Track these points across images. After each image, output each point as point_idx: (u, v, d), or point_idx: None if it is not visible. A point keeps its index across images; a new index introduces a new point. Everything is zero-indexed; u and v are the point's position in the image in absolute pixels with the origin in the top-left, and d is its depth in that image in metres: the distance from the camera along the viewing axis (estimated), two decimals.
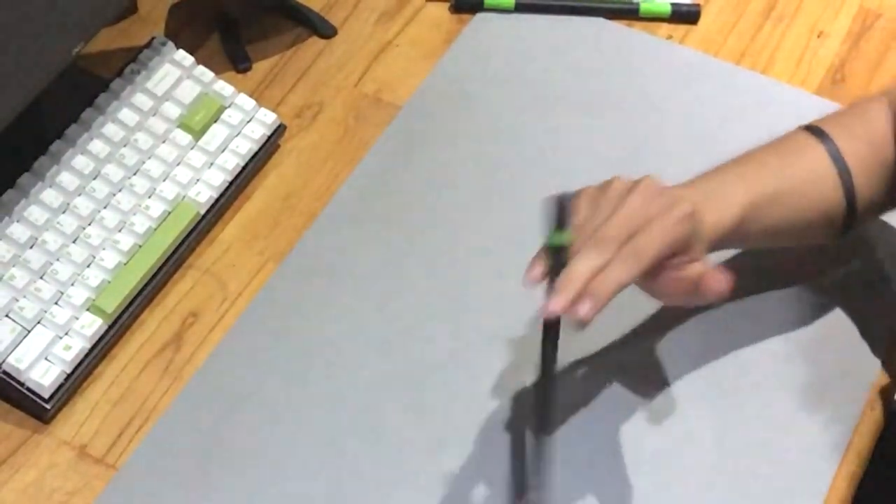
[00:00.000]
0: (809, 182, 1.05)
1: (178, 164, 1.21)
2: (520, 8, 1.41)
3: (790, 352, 1.13)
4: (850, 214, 1.07)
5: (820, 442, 1.08)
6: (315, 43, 1.38)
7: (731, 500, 1.05)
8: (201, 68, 1.27)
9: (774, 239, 1.07)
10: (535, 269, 0.93)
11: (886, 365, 1.13)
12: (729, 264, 0.98)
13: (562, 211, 0.94)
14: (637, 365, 1.12)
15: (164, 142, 1.21)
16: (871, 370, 1.13)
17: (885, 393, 1.11)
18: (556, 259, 0.92)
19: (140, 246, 1.15)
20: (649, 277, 0.94)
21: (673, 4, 1.41)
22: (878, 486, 1.13)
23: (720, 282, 0.94)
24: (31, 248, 1.12)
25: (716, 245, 1.00)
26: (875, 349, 1.14)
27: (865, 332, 1.15)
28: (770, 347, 1.14)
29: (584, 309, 0.89)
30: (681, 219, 0.93)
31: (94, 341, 1.10)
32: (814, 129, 1.08)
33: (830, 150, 1.06)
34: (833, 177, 1.06)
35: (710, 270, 0.94)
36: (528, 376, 1.09)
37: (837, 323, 1.15)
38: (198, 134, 1.23)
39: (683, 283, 0.95)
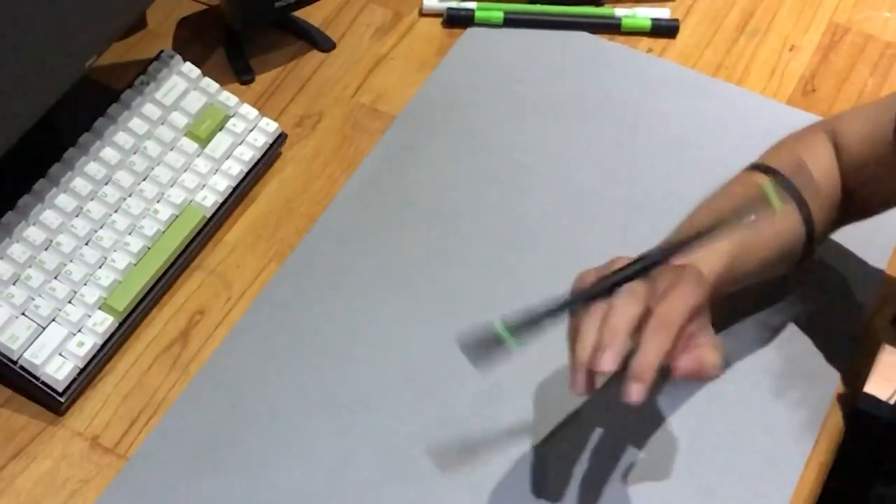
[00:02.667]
0: (776, 224, 1.05)
1: (185, 171, 1.21)
2: (508, 23, 1.41)
3: (764, 350, 1.14)
4: (808, 245, 1.08)
5: (790, 433, 1.08)
6: (315, 56, 1.38)
7: (706, 490, 1.05)
8: (207, 80, 1.27)
9: (747, 281, 1.07)
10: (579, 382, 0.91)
11: (850, 361, 1.14)
12: None
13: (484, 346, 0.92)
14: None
15: (171, 149, 1.21)
16: (839, 366, 1.13)
17: (844, 398, 1.12)
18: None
19: (149, 248, 1.15)
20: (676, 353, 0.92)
21: (653, 19, 1.41)
22: (845, 476, 1.13)
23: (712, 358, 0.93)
24: (47, 249, 1.12)
25: (712, 298, 0.99)
26: (842, 347, 1.14)
27: (833, 331, 1.15)
28: (743, 345, 1.14)
29: (637, 394, 0.88)
30: (697, 279, 0.93)
31: (105, 338, 1.10)
32: (763, 168, 1.08)
33: (786, 187, 1.05)
34: (792, 210, 1.05)
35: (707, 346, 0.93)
36: (528, 374, 1.10)
37: (807, 322, 1.15)
38: (204, 142, 1.23)
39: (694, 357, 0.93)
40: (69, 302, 1.11)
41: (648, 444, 1.07)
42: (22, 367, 1.07)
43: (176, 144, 1.22)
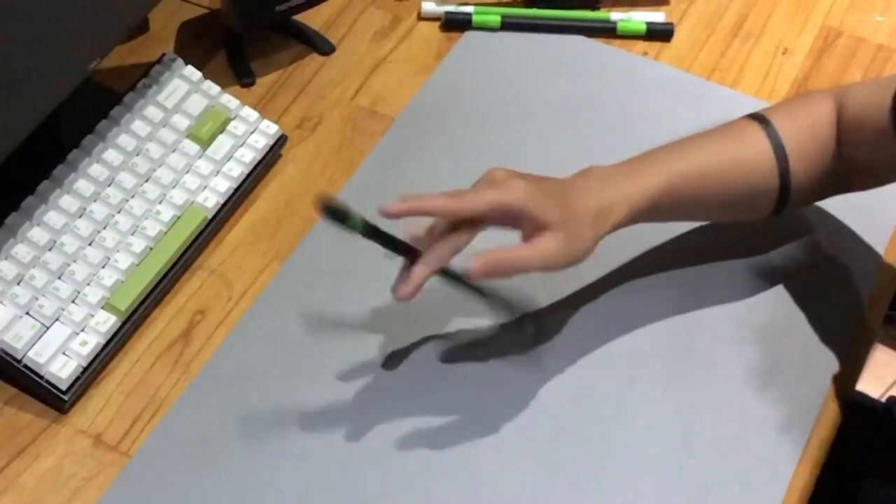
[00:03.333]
0: (741, 161, 1.06)
1: (187, 172, 1.21)
2: (505, 26, 1.41)
3: (756, 348, 1.14)
4: (783, 196, 1.08)
5: (783, 431, 1.08)
6: (314, 59, 1.38)
7: (699, 485, 1.05)
8: (208, 83, 1.27)
9: (701, 212, 1.08)
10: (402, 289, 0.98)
11: (845, 359, 1.14)
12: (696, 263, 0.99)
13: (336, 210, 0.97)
14: (608, 358, 1.12)
15: (173, 151, 1.22)
16: (832, 363, 1.13)
17: (836, 396, 1.12)
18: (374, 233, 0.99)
19: (151, 248, 1.15)
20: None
21: (648, 23, 1.41)
22: (837, 473, 1.13)
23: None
24: (51, 250, 1.12)
25: (638, 212, 1.02)
26: (836, 344, 1.14)
27: (827, 328, 1.15)
28: (736, 341, 1.14)
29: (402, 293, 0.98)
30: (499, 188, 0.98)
31: (108, 337, 1.11)
32: (757, 116, 1.09)
33: (770, 134, 1.07)
34: (768, 158, 1.06)
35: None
36: (525, 371, 1.10)
37: (801, 318, 1.16)
38: (205, 144, 1.23)
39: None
40: (72, 301, 1.11)
41: (643, 440, 1.07)
42: (26, 366, 1.07)
43: (178, 146, 1.22)
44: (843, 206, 1.22)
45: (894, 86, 1.04)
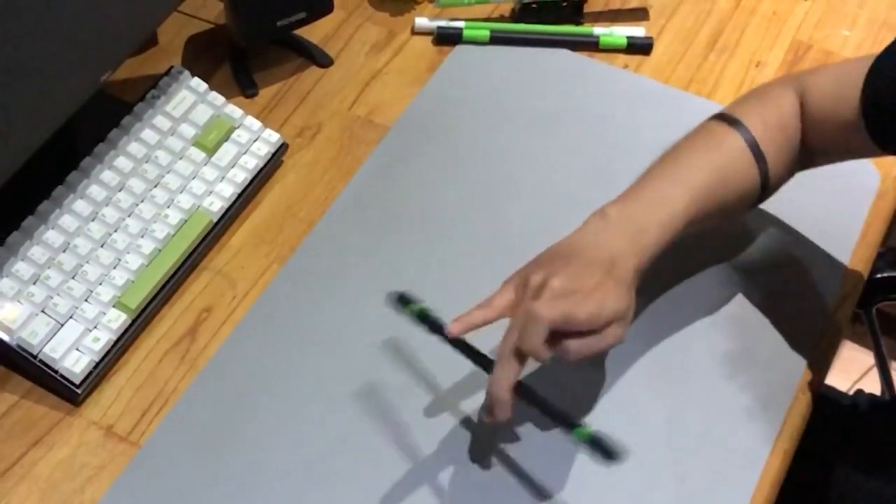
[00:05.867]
0: (732, 172, 1.06)
1: (194, 178, 1.21)
2: (494, 41, 1.41)
3: (731, 344, 1.14)
4: (763, 192, 1.09)
5: (757, 422, 1.09)
6: (314, 71, 1.38)
7: (677, 474, 1.05)
8: (214, 94, 1.27)
9: (704, 228, 1.07)
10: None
11: (813, 355, 1.14)
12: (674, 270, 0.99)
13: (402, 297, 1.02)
14: (601, 358, 1.13)
15: (181, 158, 1.22)
16: (802, 359, 1.13)
17: (807, 389, 1.12)
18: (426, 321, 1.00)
19: (160, 250, 1.15)
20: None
21: (629, 37, 1.41)
22: (807, 461, 1.14)
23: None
24: (65, 251, 1.12)
25: (664, 249, 1.00)
26: (806, 340, 1.15)
27: (797, 325, 1.15)
28: (711, 338, 1.14)
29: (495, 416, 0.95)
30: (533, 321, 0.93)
31: (119, 334, 1.11)
32: (728, 119, 1.08)
33: (747, 139, 1.06)
34: (751, 163, 1.06)
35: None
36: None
37: (773, 316, 1.16)
38: (210, 151, 1.23)
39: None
40: (85, 300, 1.11)
41: (622, 432, 1.07)
42: (41, 361, 1.07)
43: (185, 154, 1.22)
44: (814, 208, 1.23)
45: (855, 78, 1.04)
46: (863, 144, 1.05)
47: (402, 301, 1.02)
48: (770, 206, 1.21)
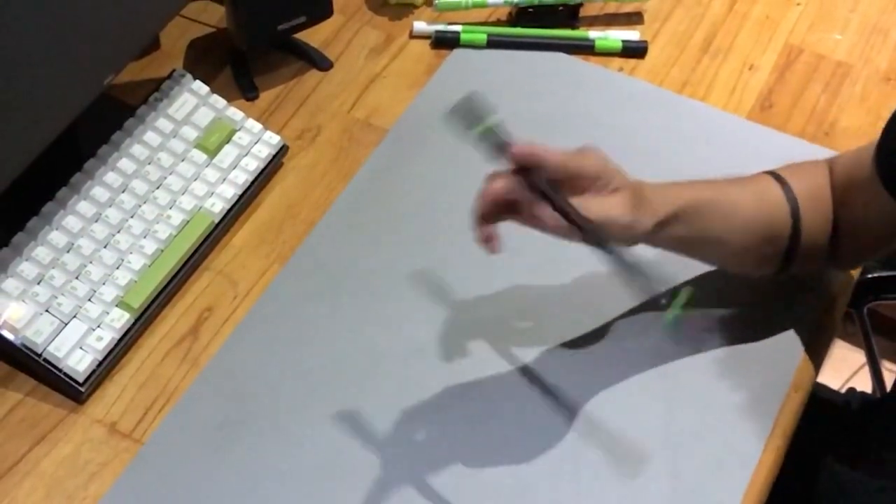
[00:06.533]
0: (757, 202, 1.05)
1: (195, 180, 1.21)
2: (491, 44, 1.41)
3: (726, 343, 1.14)
4: (793, 246, 1.07)
5: (750, 420, 1.09)
6: (314, 75, 1.38)
7: (672, 470, 1.05)
8: (215, 97, 1.27)
9: (704, 246, 1.06)
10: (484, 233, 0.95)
11: (805, 353, 1.14)
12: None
13: (475, 107, 0.98)
14: (590, 352, 1.13)
15: (183, 160, 1.22)
16: (794, 358, 1.14)
17: (799, 387, 1.12)
18: (491, 141, 0.97)
19: (162, 250, 1.16)
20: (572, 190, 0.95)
21: (623, 41, 1.42)
22: (799, 458, 1.14)
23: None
24: (69, 252, 1.12)
25: (661, 223, 0.99)
26: (798, 340, 1.15)
27: (790, 325, 1.16)
28: (706, 338, 1.14)
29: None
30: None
31: (122, 333, 1.11)
32: (780, 180, 1.08)
33: (785, 188, 1.06)
34: (783, 207, 1.05)
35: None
36: (510, 370, 1.10)
37: (766, 317, 1.16)
38: (212, 153, 1.23)
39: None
40: (89, 300, 1.11)
41: (619, 429, 1.08)
42: (46, 360, 1.08)
43: (187, 156, 1.22)
44: None
45: (874, 145, 1.04)
46: (882, 204, 1.03)
47: (470, 115, 0.99)
48: None
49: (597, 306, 1.15)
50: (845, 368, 2.18)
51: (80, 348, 1.09)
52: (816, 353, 1.15)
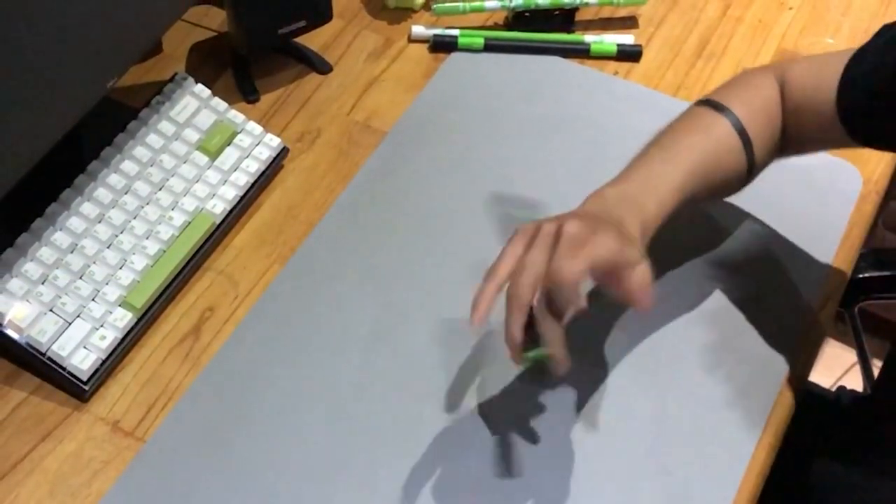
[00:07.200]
0: (722, 154, 1.06)
1: (197, 181, 1.21)
2: (488, 48, 1.42)
3: (719, 342, 1.14)
4: (749, 175, 1.09)
5: (743, 417, 1.09)
6: (314, 78, 1.38)
7: (665, 467, 1.06)
8: (217, 99, 1.28)
9: (696, 205, 1.07)
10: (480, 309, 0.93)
11: (797, 352, 1.14)
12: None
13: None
14: (585, 350, 1.13)
15: (184, 162, 1.22)
16: (786, 356, 1.14)
17: (791, 385, 1.12)
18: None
19: (164, 251, 1.16)
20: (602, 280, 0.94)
21: (618, 45, 1.42)
22: (791, 455, 1.14)
23: (643, 304, 0.93)
24: (72, 252, 1.13)
25: (661, 225, 1.00)
26: (790, 338, 1.15)
27: (782, 324, 1.16)
28: (700, 336, 1.14)
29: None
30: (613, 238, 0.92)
31: (125, 332, 1.11)
32: (714, 104, 1.08)
33: (734, 123, 1.06)
34: (738, 147, 1.06)
35: (640, 290, 0.93)
36: (505, 369, 1.10)
37: (759, 315, 1.16)
38: (213, 155, 1.23)
39: (622, 290, 0.93)
40: (92, 299, 1.11)
41: (614, 427, 1.08)
42: (50, 359, 1.08)
43: (189, 158, 1.22)
44: (799, 212, 1.23)
45: (833, 70, 1.05)
46: (837, 136, 1.06)
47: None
48: (757, 208, 1.22)
49: (591, 306, 1.15)
50: (836, 367, 2.18)
51: (84, 347, 1.09)
52: (808, 351, 1.15)
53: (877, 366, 1.67)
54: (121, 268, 1.14)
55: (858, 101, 1.03)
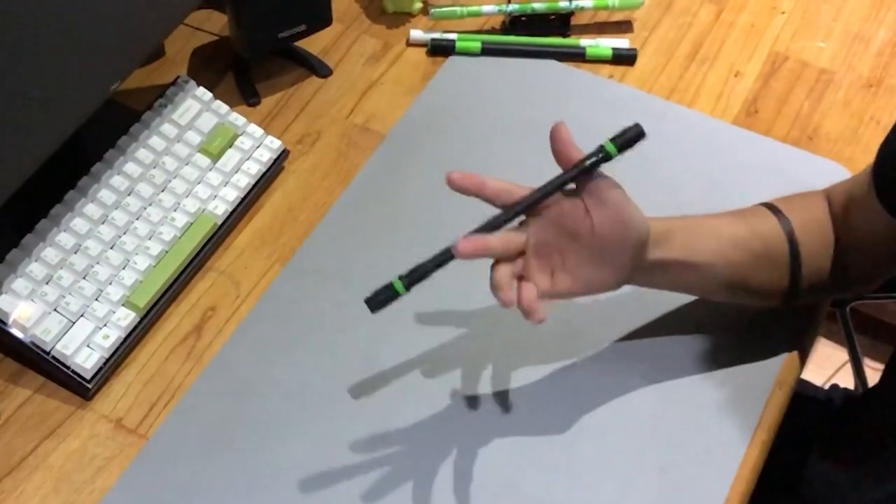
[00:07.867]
0: (748, 228, 1.04)
1: (199, 183, 1.21)
2: (485, 52, 1.42)
3: (713, 340, 1.14)
4: (795, 276, 1.06)
5: (736, 415, 1.09)
6: (314, 81, 1.38)
7: (660, 465, 1.06)
8: (218, 102, 1.28)
9: (701, 271, 1.03)
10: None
11: (791, 350, 1.15)
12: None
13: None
14: (583, 350, 1.13)
15: (186, 164, 1.22)
16: (779, 355, 1.14)
17: (784, 383, 1.13)
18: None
19: (167, 251, 1.16)
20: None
21: (614, 49, 1.42)
22: (784, 452, 1.14)
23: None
24: (76, 253, 1.13)
25: (654, 239, 0.98)
26: (783, 338, 1.15)
27: (775, 324, 1.16)
28: (694, 338, 1.15)
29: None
30: None
31: (128, 331, 1.11)
32: (769, 205, 1.07)
33: (779, 217, 1.05)
34: (779, 234, 1.04)
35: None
36: (503, 368, 1.11)
37: (752, 316, 1.16)
38: (215, 157, 1.23)
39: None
40: (96, 299, 1.11)
41: (609, 426, 1.08)
42: (54, 357, 1.08)
43: (190, 160, 1.22)
44: None
45: (867, 169, 1.03)
46: (883, 223, 1.02)
47: (384, 299, 0.99)
48: None
49: (589, 305, 1.15)
50: (828, 365, 2.19)
51: (88, 346, 1.09)
52: (801, 350, 1.15)
53: (868, 365, 1.67)
54: (124, 268, 1.14)
55: (892, 173, 1.00)
